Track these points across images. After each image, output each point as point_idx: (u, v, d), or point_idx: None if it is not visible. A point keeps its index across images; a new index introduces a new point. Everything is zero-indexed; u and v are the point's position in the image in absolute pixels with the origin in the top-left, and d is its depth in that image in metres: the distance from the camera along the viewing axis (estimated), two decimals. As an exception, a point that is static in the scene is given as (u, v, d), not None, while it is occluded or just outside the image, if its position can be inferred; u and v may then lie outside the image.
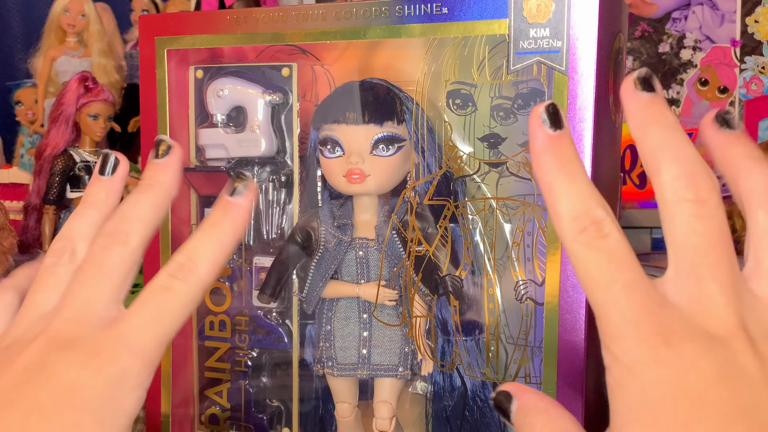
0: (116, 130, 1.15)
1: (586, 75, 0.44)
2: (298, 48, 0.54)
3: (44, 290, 0.32)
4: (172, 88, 0.56)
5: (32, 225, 1.08)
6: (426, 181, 0.53)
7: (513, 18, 0.46)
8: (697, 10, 1.15)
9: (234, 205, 0.31)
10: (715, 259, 0.26)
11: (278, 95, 0.57)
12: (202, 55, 0.57)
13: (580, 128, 0.44)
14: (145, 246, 0.32)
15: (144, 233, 0.32)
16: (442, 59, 0.51)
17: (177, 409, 0.59)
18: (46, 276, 0.32)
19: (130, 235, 0.31)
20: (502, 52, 0.47)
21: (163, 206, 0.32)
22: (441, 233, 0.52)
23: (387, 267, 0.54)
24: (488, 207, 0.51)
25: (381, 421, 0.55)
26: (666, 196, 0.27)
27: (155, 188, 0.32)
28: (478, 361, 0.53)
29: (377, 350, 0.55)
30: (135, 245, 0.31)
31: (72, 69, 1.36)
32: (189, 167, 0.59)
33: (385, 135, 0.53)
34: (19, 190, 1.20)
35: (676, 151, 0.27)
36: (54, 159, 1.05)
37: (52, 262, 0.33)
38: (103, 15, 1.49)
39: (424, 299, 0.53)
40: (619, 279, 0.26)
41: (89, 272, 0.31)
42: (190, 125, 0.59)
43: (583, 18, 0.44)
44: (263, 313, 0.59)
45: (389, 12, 0.49)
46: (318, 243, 0.56)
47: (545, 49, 0.45)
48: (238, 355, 0.60)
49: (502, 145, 0.51)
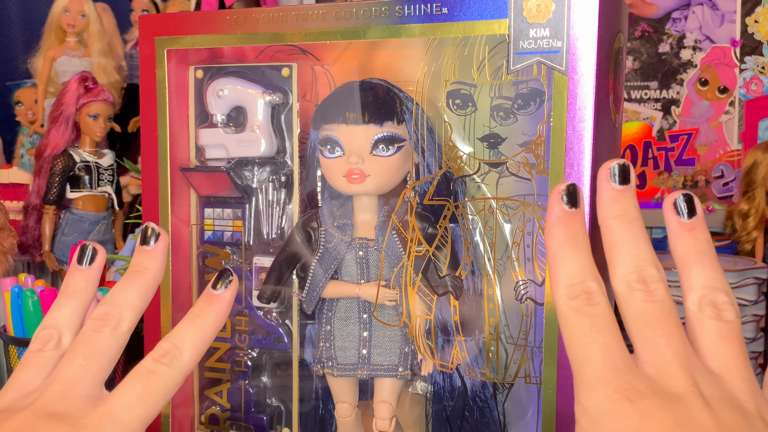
0: (116, 130, 1.15)
1: (586, 75, 0.44)
2: (298, 48, 0.54)
3: (29, 370, 0.34)
4: (172, 88, 0.56)
5: (32, 225, 1.08)
6: (426, 181, 0.53)
7: (513, 18, 0.46)
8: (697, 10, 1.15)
9: (217, 298, 0.34)
10: (666, 331, 0.30)
11: (278, 95, 0.57)
12: (202, 55, 0.57)
13: (579, 128, 0.44)
14: (132, 330, 0.35)
15: (133, 319, 0.34)
16: (442, 59, 0.51)
17: (177, 410, 0.59)
18: (32, 359, 0.34)
19: (121, 321, 0.34)
20: (502, 52, 0.47)
21: (150, 292, 0.35)
22: (441, 233, 0.52)
23: (387, 267, 0.54)
24: (488, 207, 0.51)
25: (381, 421, 0.55)
26: (620, 288, 0.31)
27: (144, 275, 0.35)
28: (478, 361, 0.53)
29: (377, 350, 0.55)
30: (124, 330, 0.34)
31: (72, 69, 1.36)
32: (189, 167, 0.59)
33: (385, 135, 0.53)
34: (19, 190, 1.20)
35: (631, 247, 0.31)
36: (54, 159, 1.05)
37: (38, 348, 0.34)
38: (103, 15, 1.49)
39: (424, 299, 0.53)
40: (598, 340, 0.29)
41: (79, 352, 0.33)
42: (190, 125, 0.59)
43: (583, 18, 0.44)
44: (263, 313, 0.59)
45: (389, 12, 0.49)
46: (318, 243, 0.56)
47: (545, 49, 0.45)
48: (238, 355, 0.60)
49: (501, 145, 0.51)
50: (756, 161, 0.99)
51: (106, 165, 1.08)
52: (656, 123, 1.18)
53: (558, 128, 0.45)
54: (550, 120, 0.45)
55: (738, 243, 1.01)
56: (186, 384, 0.60)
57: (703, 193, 1.15)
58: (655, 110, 1.18)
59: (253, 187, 0.59)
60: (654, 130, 1.18)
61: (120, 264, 0.93)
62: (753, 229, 0.98)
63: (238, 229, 0.59)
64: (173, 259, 0.57)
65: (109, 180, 1.09)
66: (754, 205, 0.99)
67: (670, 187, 1.17)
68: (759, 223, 0.98)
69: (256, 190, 0.59)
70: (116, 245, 1.12)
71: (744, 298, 0.81)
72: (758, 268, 0.83)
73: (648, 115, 1.18)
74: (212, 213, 0.60)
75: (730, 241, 1.05)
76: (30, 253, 1.10)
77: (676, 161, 1.17)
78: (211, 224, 0.59)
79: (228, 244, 0.59)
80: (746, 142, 1.14)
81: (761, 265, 0.85)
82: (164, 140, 0.56)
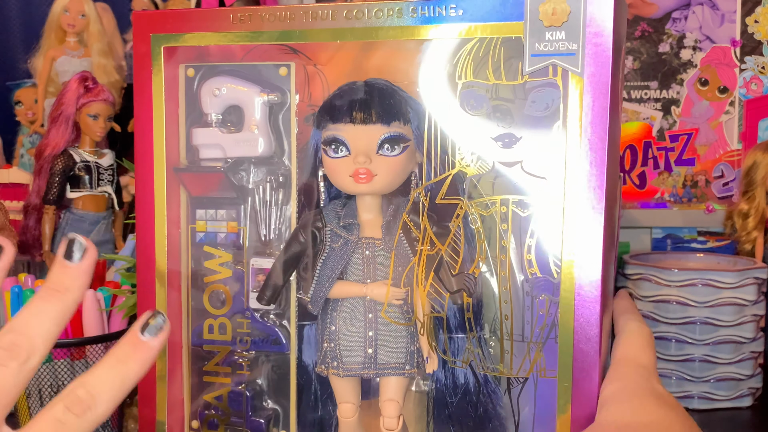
0: (116, 130, 1.15)
1: (601, 76, 0.45)
2: (288, 47, 0.54)
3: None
4: (167, 87, 0.56)
5: (32, 225, 1.08)
6: (438, 181, 0.53)
7: (528, 21, 0.46)
8: (697, 10, 1.15)
9: (144, 346, 0.31)
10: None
11: (276, 95, 0.57)
12: (191, 54, 0.56)
13: (594, 128, 0.45)
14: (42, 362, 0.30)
15: (44, 351, 0.30)
16: (456, 60, 0.50)
17: (172, 415, 0.58)
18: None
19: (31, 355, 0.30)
20: (517, 53, 0.48)
21: (68, 317, 0.31)
22: (454, 232, 0.52)
23: (394, 266, 0.54)
24: (501, 206, 0.51)
25: (389, 419, 0.55)
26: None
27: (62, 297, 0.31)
28: (491, 357, 0.53)
29: (384, 349, 0.55)
30: (33, 365, 0.30)
31: (72, 69, 1.36)
32: (181, 167, 0.58)
33: (392, 135, 0.53)
34: (19, 190, 1.20)
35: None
36: (54, 159, 1.05)
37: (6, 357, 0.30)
38: (103, 15, 1.49)
39: (436, 297, 0.53)
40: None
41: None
42: (180, 124, 0.58)
43: (599, 21, 0.44)
44: (260, 315, 0.58)
45: (403, 13, 0.49)
46: (324, 243, 0.56)
47: (561, 51, 0.45)
48: (236, 358, 0.59)
49: (516, 145, 0.51)
50: (756, 161, 0.99)
51: (106, 165, 1.08)
52: (656, 123, 1.18)
53: (573, 129, 0.45)
54: (565, 120, 0.45)
55: (738, 243, 1.01)
56: (182, 388, 0.59)
57: (703, 193, 1.15)
58: (655, 110, 1.18)
59: (249, 187, 0.59)
60: (654, 130, 1.18)
61: (120, 264, 0.93)
62: (753, 229, 0.98)
63: (232, 230, 0.58)
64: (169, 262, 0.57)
65: (109, 180, 1.09)
66: (754, 205, 0.99)
67: (670, 187, 1.17)
68: (759, 223, 0.99)
69: (252, 190, 0.59)
70: (116, 245, 1.12)
71: (744, 298, 0.82)
72: (758, 268, 0.83)
73: (648, 115, 1.18)
74: (204, 214, 0.59)
75: (730, 241, 1.06)
76: (30, 253, 1.09)
77: (676, 161, 1.17)
78: (203, 225, 0.59)
79: (221, 245, 0.58)
80: (746, 142, 1.14)
81: (761, 265, 0.85)
82: (160, 140, 0.56)
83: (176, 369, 0.59)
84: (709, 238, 1.09)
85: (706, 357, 0.82)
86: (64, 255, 0.31)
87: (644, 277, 0.84)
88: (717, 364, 0.82)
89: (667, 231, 1.14)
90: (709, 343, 0.82)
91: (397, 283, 0.54)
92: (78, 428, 0.29)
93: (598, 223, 0.46)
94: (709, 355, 0.82)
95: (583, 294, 0.46)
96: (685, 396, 0.83)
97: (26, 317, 0.30)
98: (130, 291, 0.81)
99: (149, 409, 0.57)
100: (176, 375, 0.59)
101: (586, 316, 0.46)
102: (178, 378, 0.59)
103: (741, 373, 0.82)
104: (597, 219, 0.46)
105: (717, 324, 0.81)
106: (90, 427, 0.29)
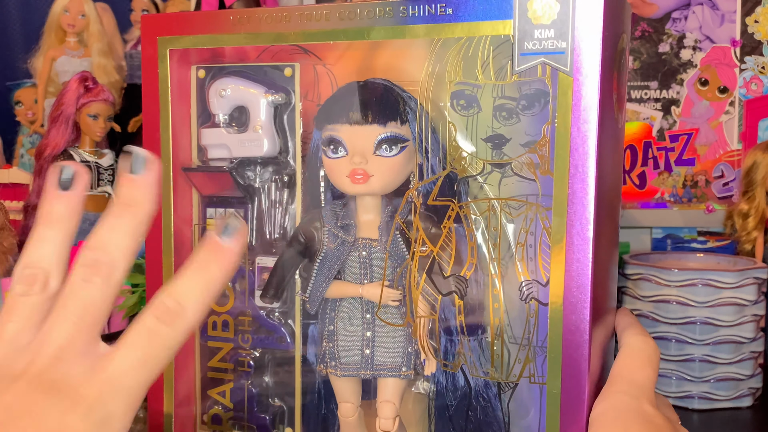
0: (116, 130, 1.15)
1: (590, 76, 0.44)
2: (300, 48, 0.54)
3: (17, 320, 0.30)
4: (174, 88, 0.56)
5: (32, 225, 1.08)
6: (430, 182, 0.53)
7: (518, 19, 0.46)
8: (697, 10, 1.15)
9: (224, 250, 0.30)
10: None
11: (281, 95, 0.57)
12: (204, 55, 0.57)
13: (584, 129, 0.44)
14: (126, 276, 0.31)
15: (126, 265, 0.30)
16: (446, 60, 0.51)
17: (179, 409, 0.59)
18: (18, 306, 0.31)
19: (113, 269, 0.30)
20: (507, 52, 0.47)
21: (143, 231, 0.31)
22: (445, 233, 0.52)
23: (390, 267, 0.54)
24: (492, 207, 0.51)
25: (384, 421, 0.55)
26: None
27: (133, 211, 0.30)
28: (482, 361, 0.53)
29: (380, 350, 0.55)
30: (118, 279, 0.30)
31: (72, 69, 1.36)
32: (191, 167, 0.59)
33: (388, 135, 0.53)
34: (19, 190, 1.20)
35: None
36: (54, 159, 1.05)
37: (23, 292, 0.31)
38: (103, 15, 1.49)
39: (429, 299, 0.53)
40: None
41: (70, 308, 0.30)
42: (192, 125, 0.59)
43: (588, 19, 0.44)
44: (266, 313, 0.59)
45: (393, 12, 0.49)
46: (321, 243, 0.56)
47: (550, 50, 0.45)
48: (241, 355, 0.60)
49: (506, 146, 0.51)
50: (756, 161, 0.99)
51: (106, 165, 1.08)
52: (656, 123, 1.18)
53: (562, 129, 0.45)
54: (555, 120, 0.45)
55: (738, 243, 1.01)
56: (188, 383, 0.60)
57: (703, 193, 1.16)
58: (655, 110, 1.18)
59: (255, 187, 0.59)
60: (654, 130, 1.18)
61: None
62: (753, 229, 0.99)
63: (241, 228, 0.59)
64: (176, 260, 0.57)
65: (109, 180, 1.09)
66: (754, 205, 0.99)
67: (670, 187, 1.17)
68: (759, 223, 0.99)
69: (258, 190, 0.59)
70: (116, 245, 1.12)
71: (744, 298, 0.82)
72: (758, 268, 0.83)
73: (648, 115, 1.18)
74: (215, 213, 0.60)
75: (730, 241, 1.06)
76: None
77: (676, 161, 1.17)
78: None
79: None
80: (746, 142, 1.14)
81: (761, 265, 0.85)
82: (167, 140, 0.56)
83: (185, 364, 0.59)
84: (709, 238, 1.10)
85: (706, 357, 0.82)
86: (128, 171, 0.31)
87: (644, 277, 0.84)
88: (717, 364, 0.82)
89: (667, 231, 1.14)
90: (709, 343, 0.82)
91: (393, 285, 0.54)
92: (170, 337, 0.29)
93: (587, 226, 0.45)
94: (709, 355, 0.82)
95: (572, 299, 0.45)
96: (685, 396, 0.83)
97: (103, 234, 0.30)
98: (130, 291, 0.81)
99: (156, 403, 0.58)
100: (184, 370, 0.59)
101: (575, 321, 0.45)
102: (187, 372, 0.59)
103: (741, 373, 0.82)
104: (586, 221, 0.45)
105: (717, 324, 0.81)
106: (182, 336, 0.30)
